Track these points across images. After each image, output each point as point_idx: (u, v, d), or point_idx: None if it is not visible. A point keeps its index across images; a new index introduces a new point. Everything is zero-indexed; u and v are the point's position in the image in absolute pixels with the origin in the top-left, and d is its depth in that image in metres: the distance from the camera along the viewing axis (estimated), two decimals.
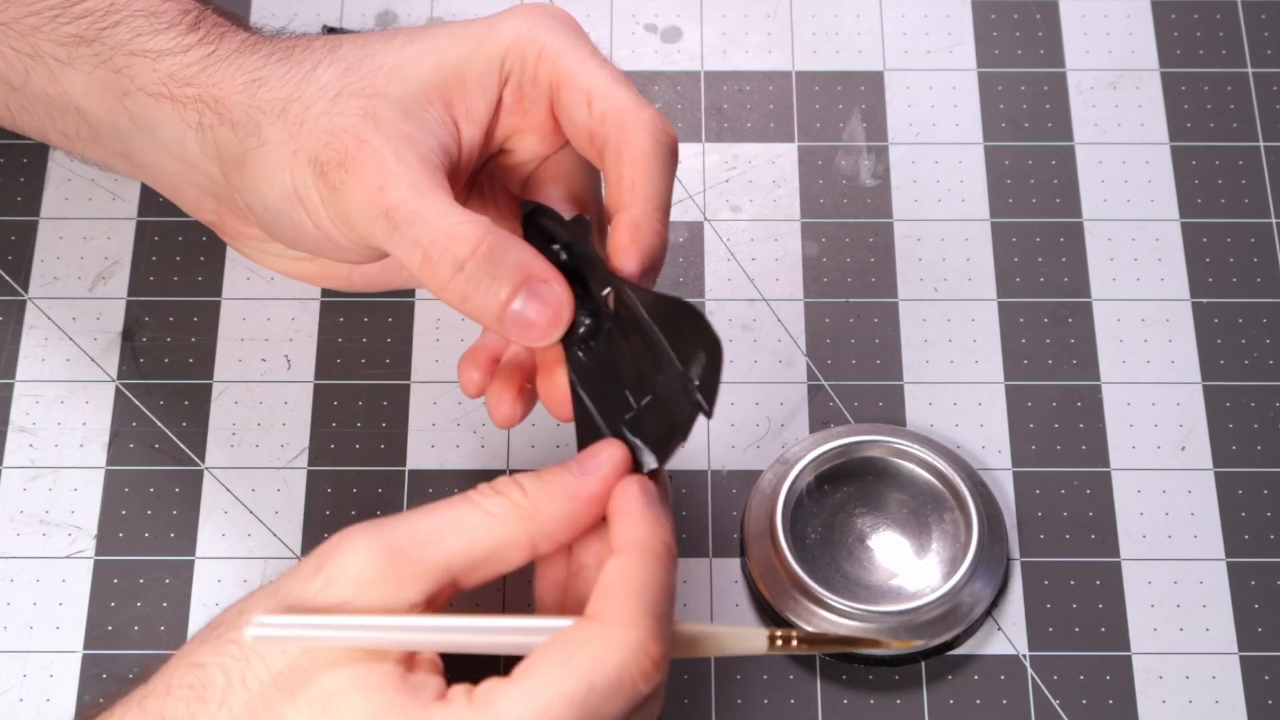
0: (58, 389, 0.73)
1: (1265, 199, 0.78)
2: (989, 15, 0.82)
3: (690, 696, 0.68)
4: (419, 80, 0.63)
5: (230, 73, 0.65)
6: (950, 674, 0.68)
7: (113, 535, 0.70)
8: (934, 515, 0.70)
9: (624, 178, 0.63)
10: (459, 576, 0.56)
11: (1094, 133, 0.79)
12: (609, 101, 0.63)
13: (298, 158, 0.63)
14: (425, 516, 0.57)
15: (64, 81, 0.67)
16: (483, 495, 0.57)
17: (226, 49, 0.65)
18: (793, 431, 0.73)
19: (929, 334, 0.75)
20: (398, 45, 0.64)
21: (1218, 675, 0.68)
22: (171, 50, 0.65)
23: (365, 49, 0.64)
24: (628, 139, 0.63)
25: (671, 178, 0.64)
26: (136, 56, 0.65)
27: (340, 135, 0.62)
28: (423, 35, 0.65)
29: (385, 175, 0.61)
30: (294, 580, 0.56)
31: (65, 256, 0.76)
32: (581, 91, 0.64)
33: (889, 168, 0.79)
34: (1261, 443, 0.73)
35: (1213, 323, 0.75)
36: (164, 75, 0.65)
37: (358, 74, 0.63)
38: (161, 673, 0.56)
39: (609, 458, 0.59)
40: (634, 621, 0.54)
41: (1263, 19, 0.82)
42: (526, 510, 0.57)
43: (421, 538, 0.56)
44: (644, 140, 0.63)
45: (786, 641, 0.57)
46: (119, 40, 0.66)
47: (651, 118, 0.63)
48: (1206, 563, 0.71)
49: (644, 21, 0.82)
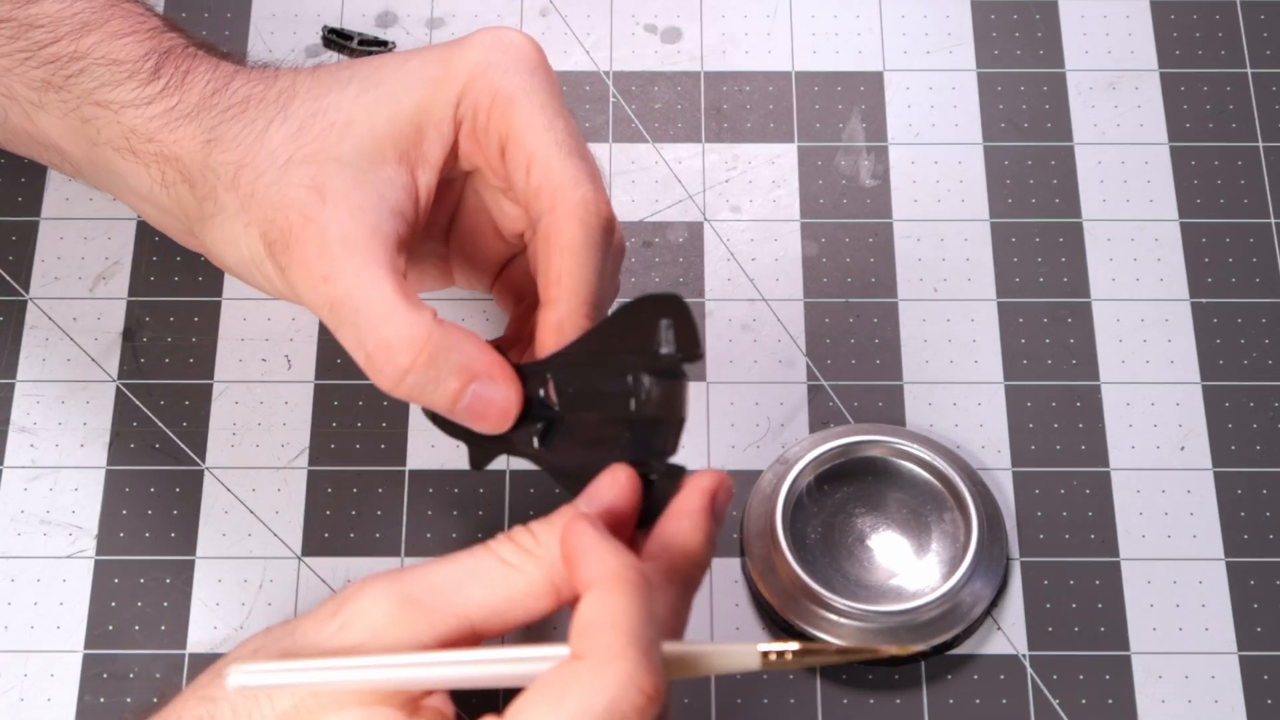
0: (58, 389, 0.73)
1: (1264, 199, 0.78)
2: (989, 15, 0.82)
3: (690, 696, 0.68)
4: (372, 135, 0.62)
5: (189, 130, 0.64)
6: (950, 674, 0.68)
7: (113, 535, 0.70)
8: (934, 515, 0.70)
9: (552, 268, 0.62)
10: (478, 626, 0.56)
11: (1093, 133, 0.79)
12: (546, 174, 0.62)
13: (250, 231, 0.62)
14: (443, 566, 0.56)
15: (40, 123, 0.66)
16: (499, 544, 0.57)
17: (187, 101, 0.64)
18: (793, 431, 0.73)
19: (929, 334, 0.75)
20: (351, 95, 0.63)
21: (1217, 675, 0.69)
22: (133, 102, 0.64)
23: (318, 101, 0.63)
24: (558, 224, 0.62)
25: (602, 263, 0.62)
26: (101, 108, 0.65)
27: (285, 211, 0.61)
28: (379, 80, 0.63)
29: (329, 263, 0.60)
30: (311, 622, 0.56)
31: (66, 256, 0.76)
32: (524, 154, 0.63)
33: (889, 168, 0.79)
34: (1261, 442, 0.73)
35: (1212, 323, 0.75)
36: (126, 130, 0.64)
37: (309, 134, 0.62)
38: (173, 704, 0.56)
39: (611, 480, 0.58)
40: (620, 655, 0.52)
41: (1262, 19, 0.82)
42: (542, 557, 0.56)
43: (439, 586, 0.55)
44: (574, 229, 0.61)
45: (781, 656, 0.55)
46: (84, 89, 0.65)
47: (585, 199, 0.62)
48: (1206, 562, 0.71)
49: (644, 21, 0.82)
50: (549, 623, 0.59)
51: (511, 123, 0.63)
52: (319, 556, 0.70)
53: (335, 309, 0.60)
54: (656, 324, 0.57)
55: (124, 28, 0.65)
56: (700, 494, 0.58)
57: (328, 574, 0.70)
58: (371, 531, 0.71)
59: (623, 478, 0.58)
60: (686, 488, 0.58)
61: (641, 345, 0.57)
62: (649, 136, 0.79)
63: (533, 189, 0.62)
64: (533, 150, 0.62)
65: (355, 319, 0.60)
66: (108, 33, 0.65)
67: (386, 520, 0.71)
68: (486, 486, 0.71)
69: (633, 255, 0.76)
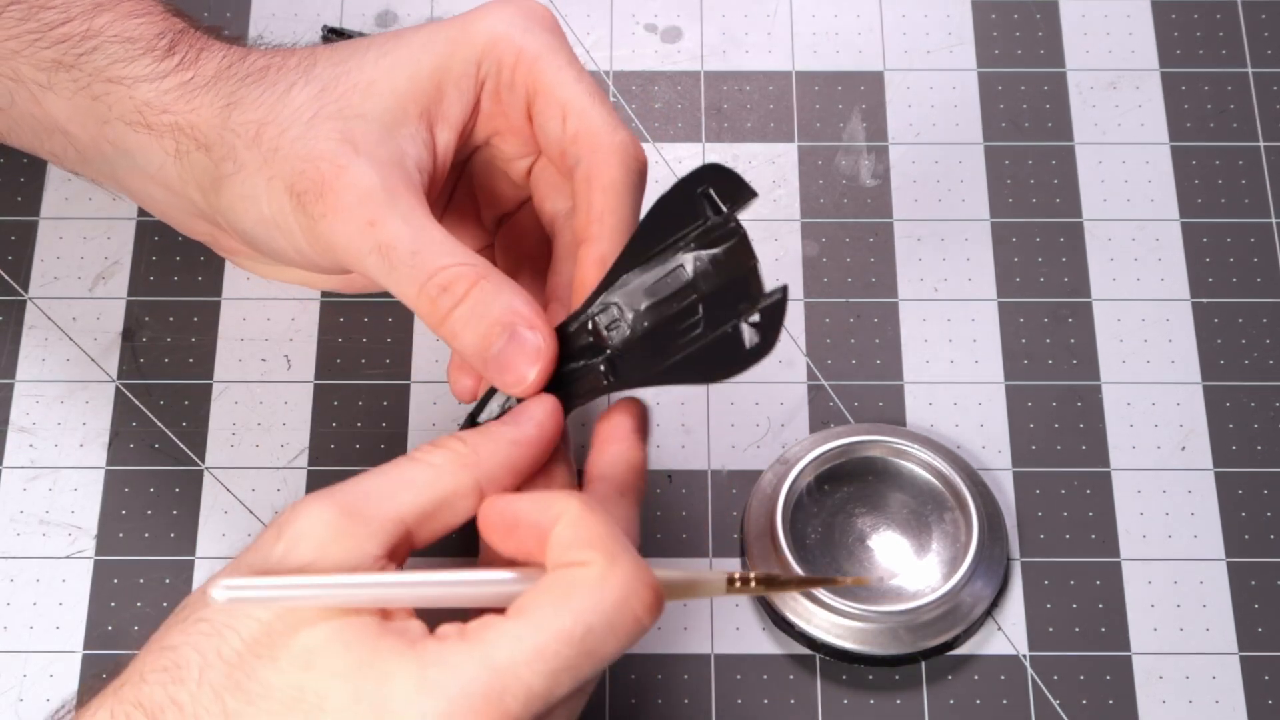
0: (58, 389, 0.73)
1: (1265, 199, 0.78)
2: (989, 15, 0.82)
3: (690, 696, 0.68)
4: (394, 94, 0.63)
5: (207, 98, 0.64)
6: (950, 674, 0.68)
7: (113, 535, 0.70)
8: (934, 515, 0.70)
9: (594, 205, 0.63)
10: (413, 530, 0.56)
11: (1094, 133, 0.79)
12: (583, 120, 0.63)
13: (274, 185, 0.62)
14: (374, 477, 0.57)
15: (47, 105, 0.67)
16: (425, 451, 0.58)
17: (203, 74, 0.65)
18: (793, 431, 0.73)
19: (929, 334, 0.75)
20: (372, 59, 0.64)
21: (1218, 675, 0.68)
22: (147, 77, 0.65)
23: (340, 65, 0.64)
24: (600, 165, 0.63)
25: (639, 206, 0.64)
26: (114, 84, 0.65)
27: (316, 162, 0.61)
28: (397, 45, 0.64)
29: (374, 208, 0.61)
30: (255, 552, 0.56)
31: (65, 256, 0.76)
32: (557, 104, 0.64)
33: (889, 168, 0.79)
34: (1262, 443, 0.73)
35: (1213, 323, 0.75)
36: (140, 103, 0.65)
37: (333, 94, 0.63)
38: (134, 663, 0.56)
39: (540, 406, 0.59)
40: (619, 557, 0.53)
41: (1263, 19, 0.82)
42: (469, 458, 0.57)
43: (373, 495, 0.56)
44: (616, 169, 0.63)
45: (745, 583, 0.57)
46: (96, 66, 0.65)
47: (625, 143, 0.63)
48: (1207, 563, 0.71)
49: (644, 21, 0.82)
50: None
51: (539, 76, 0.64)
52: None
53: (387, 252, 0.61)
54: (693, 201, 0.57)
55: (137, 8, 0.66)
56: (628, 416, 0.61)
57: None
58: None
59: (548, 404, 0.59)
60: (612, 415, 0.61)
61: (683, 232, 0.58)
62: (649, 136, 0.79)
63: (570, 136, 0.63)
64: (566, 99, 0.63)
65: (411, 259, 0.60)
66: (121, 13, 0.66)
67: None
68: None
69: None
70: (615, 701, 0.68)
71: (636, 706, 0.68)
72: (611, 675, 0.68)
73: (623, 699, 0.68)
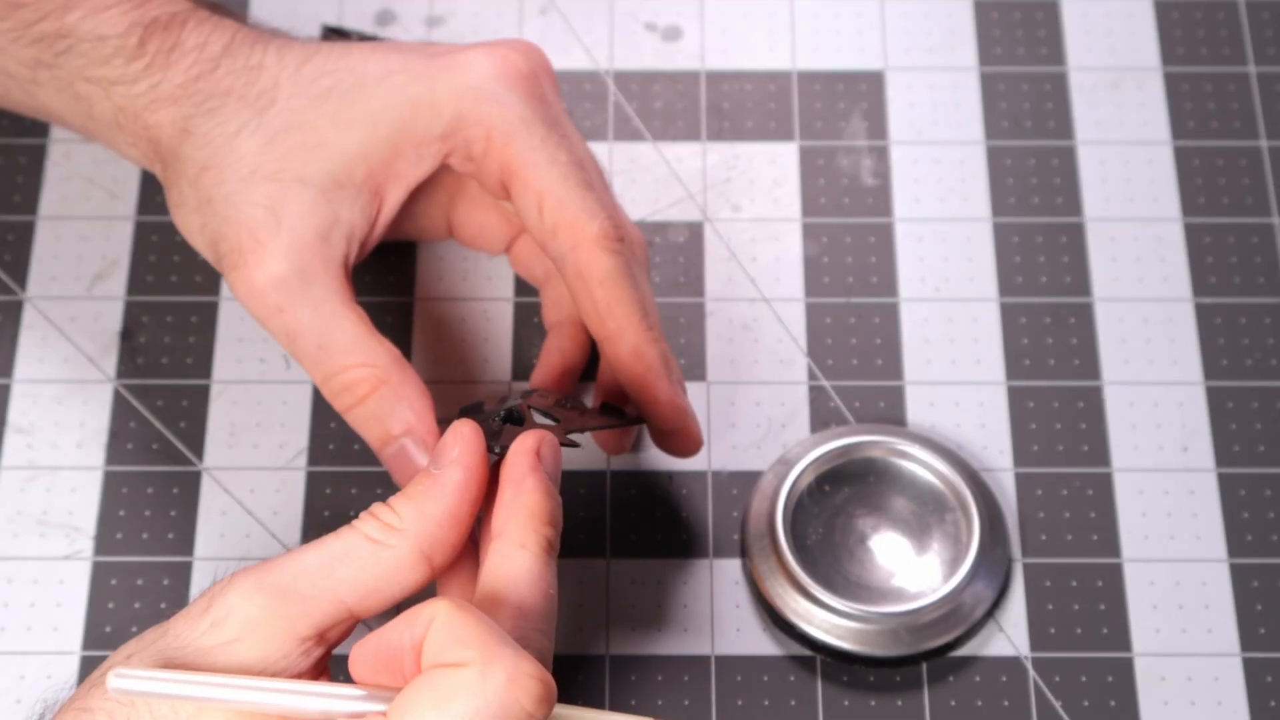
0: (55, 389, 0.73)
1: (1267, 198, 0.78)
2: (990, 14, 0.82)
3: (690, 697, 0.68)
4: (341, 157, 0.63)
5: (167, 114, 0.64)
6: (951, 675, 0.68)
7: (111, 536, 0.70)
8: (935, 516, 0.70)
9: (598, 303, 0.63)
10: (353, 607, 0.55)
11: (1096, 132, 0.79)
12: (560, 213, 0.63)
13: (204, 234, 0.63)
14: (311, 551, 0.56)
15: (39, 98, 0.67)
16: (363, 522, 0.57)
17: (170, 81, 0.64)
18: (793, 432, 0.73)
19: (930, 334, 0.75)
20: (328, 115, 0.63)
21: (1220, 677, 0.68)
22: (119, 80, 0.64)
23: (295, 115, 0.63)
24: (585, 260, 0.62)
25: (643, 279, 0.64)
26: (92, 85, 0.65)
27: (238, 229, 0.62)
28: (357, 98, 0.63)
29: (284, 294, 0.62)
30: (184, 621, 0.55)
31: (63, 256, 0.76)
32: (532, 192, 0.63)
33: (890, 167, 0.78)
34: (1264, 443, 0.73)
35: (1215, 323, 0.75)
36: (115, 108, 0.65)
37: (279, 149, 0.63)
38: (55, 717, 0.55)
39: (455, 437, 0.57)
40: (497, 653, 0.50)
41: (1265, 18, 0.82)
42: (407, 529, 0.56)
43: (309, 572, 0.55)
44: (603, 261, 0.62)
45: None
46: (75, 67, 0.65)
47: (602, 231, 0.62)
48: (1209, 564, 0.70)
49: (644, 21, 0.82)
50: None
51: (511, 160, 0.63)
52: None
53: (294, 340, 0.62)
54: None
55: (107, 0, 0.65)
56: (525, 455, 0.57)
57: None
58: None
59: (465, 433, 0.57)
60: (510, 454, 0.58)
61: None
62: (649, 135, 0.79)
63: (548, 229, 0.63)
64: (540, 189, 0.63)
65: (317, 353, 0.62)
66: (90, 7, 0.65)
67: None
68: None
69: None
70: (615, 702, 0.67)
71: (636, 707, 0.67)
72: (612, 676, 0.68)
73: (623, 700, 0.67)
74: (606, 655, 0.68)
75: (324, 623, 0.55)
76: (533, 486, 0.57)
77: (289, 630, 0.54)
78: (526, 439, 0.58)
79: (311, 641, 0.55)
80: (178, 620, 0.56)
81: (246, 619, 0.54)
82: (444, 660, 0.51)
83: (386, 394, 0.62)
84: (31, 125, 0.78)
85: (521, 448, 0.58)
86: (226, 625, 0.54)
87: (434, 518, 0.56)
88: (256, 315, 0.63)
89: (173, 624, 0.56)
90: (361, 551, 0.56)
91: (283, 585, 0.55)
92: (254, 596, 0.55)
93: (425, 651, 0.51)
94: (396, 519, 0.56)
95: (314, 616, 0.55)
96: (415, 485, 0.57)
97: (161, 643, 0.55)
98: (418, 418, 0.62)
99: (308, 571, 0.55)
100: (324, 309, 0.62)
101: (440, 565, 0.57)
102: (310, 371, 0.63)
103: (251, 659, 0.54)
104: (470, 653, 0.50)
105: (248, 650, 0.54)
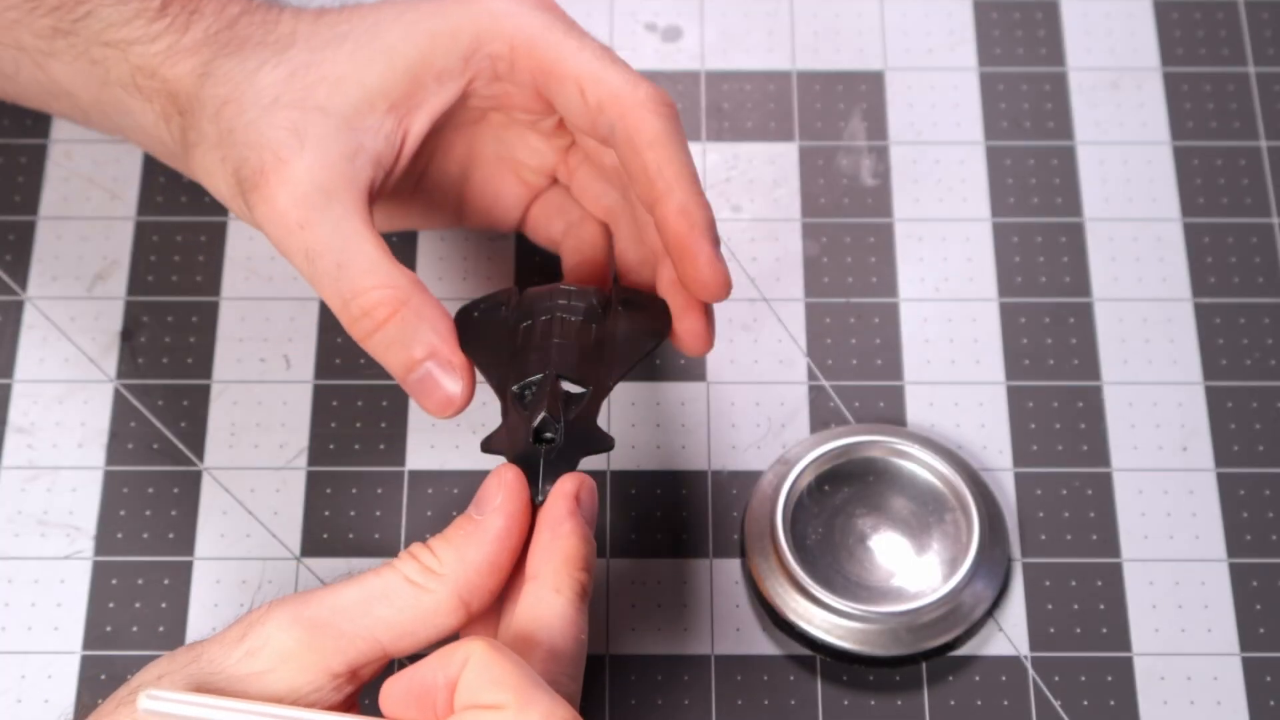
0: (56, 389, 0.73)
1: (1267, 199, 0.78)
2: (990, 14, 0.82)
3: (690, 697, 0.68)
4: (362, 89, 0.63)
5: (187, 63, 0.64)
6: (951, 675, 0.68)
7: (111, 536, 0.70)
8: (935, 516, 0.70)
9: (648, 165, 0.62)
10: (388, 646, 0.56)
11: (1095, 132, 0.79)
12: (602, 87, 0.63)
13: (224, 165, 0.63)
14: (350, 588, 0.56)
15: (50, 70, 0.67)
16: (403, 563, 0.57)
17: (191, 37, 0.64)
18: (793, 432, 0.73)
19: (930, 334, 0.75)
20: (348, 52, 0.63)
21: (1219, 676, 0.68)
22: (139, 40, 0.64)
23: (316, 53, 0.63)
24: (635, 124, 0.62)
25: (688, 150, 0.64)
26: (109, 48, 0.65)
27: (260, 150, 0.61)
28: (375, 35, 0.63)
29: (306, 210, 0.61)
30: (218, 647, 0.56)
31: (64, 256, 0.76)
32: (570, 81, 0.63)
33: (890, 167, 0.79)
34: (1263, 443, 0.73)
35: (1214, 323, 0.75)
36: (133, 67, 0.65)
37: (300, 81, 0.62)
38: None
39: (499, 484, 0.58)
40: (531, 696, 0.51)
41: (1264, 18, 0.82)
42: (447, 575, 0.56)
43: (346, 609, 0.55)
44: (653, 122, 0.62)
45: None
46: (92, 31, 0.65)
47: (650, 95, 0.63)
48: (1208, 563, 0.70)
49: (644, 21, 0.82)
50: None
51: (542, 59, 0.63)
52: (318, 557, 0.70)
53: (313, 259, 0.61)
54: None
55: None
56: (564, 499, 0.58)
57: (326, 575, 0.70)
58: (370, 532, 0.70)
59: (508, 479, 0.58)
60: (551, 497, 0.58)
61: None
62: None
63: (594, 106, 0.63)
64: (579, 73, 0.63)
65: (336, 271, 0.61)
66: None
67: (385, 521, 0.71)
68: None
69: None
70: (615, 702, 0.67)
71: (636, 707, 0.67)
72: (612, 676, 0.68)
73: (623, 700, 0.68)
74: (606, 655, 0.68)
75: (358, 660, 0.55)
76: (570, 531, 0.57)
77: (322, 665, 0.54)
78: (566, 483, 0.59)
79: (344, 678, 0.55)
80: (211, 645, 0.56)
81: (281, 650, 0.55)
82: (479, 701, 0.51)
83: (408, 316, 0.61)
84: (32, 125, 0.78)
85: (561, 491, 0.58)
86: (261, 655, 0.55)
87: (474, 565, 0.56)
88: (276, 236, 0.62)
89: (206, 648, 0.56)
90: (401, 593, 0.56)
91: (320, 620, 0.55)
92: (291, 629, 0.55)
93: (460, 692, 0.52)
94: (437, 563, 0.56)
95: (348, 653, 0.55)
96: (457, 530, 0.57)
97: (194, 666, 0.55)
98: (441, 339, 0.61)
99: (345, 608, 0.55)
100: (344, 227, 0.61)
101: (477, 611, 0.57)
102: (328, 295, 0.62)
103: (283, 690, 0.55)
104: (506, 695, 0.51)
105: (280, 681, 0.54)
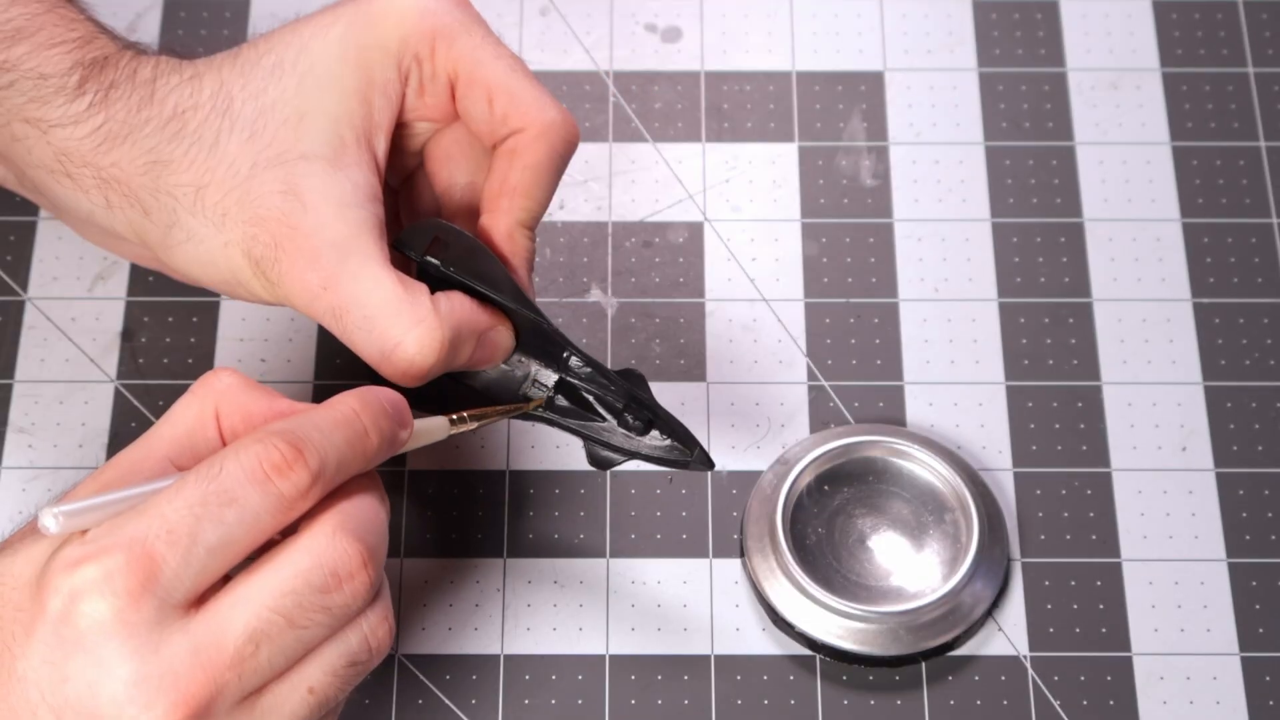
0: (57, 389, 0.73)
1: (1266, 199, 0.78)
2: (989, 15, 0.82)
3: (690, 697, 0.68)
4: (328, 120, 0.62)
5: (127, 151, 0.62)
6: (951, 675, 0.68)
7: None
8: (934, 516, 0.70)
9: (510, 179, 0.63)
10: None
11: (1095, 132, 0.79)
12: (512, 101, 0.63)
13: (230, 251, 0.62)
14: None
15: None
16: None
17: (115, 119, 0.62)
18: (793, 432, 0.73)
19: (929, 334, 0.75)
20: (292, 87, 0.62)
21: (1219, 676, 0.68)
22: (61, 121, 0.62)
23: (259, 98, 0.62)
24: (527, 143, 0.63)
25: (556, 185, 0.64)
26: (30, 125, 0.63)
27: (267, 225, 0.60)
28: (308, 64, 0.62)
29: (325, 271, 0.60)
30: None
31: (64, 256, 0.76)
32: (480, 88, 0.63)
33: (889, 168, 0.79)
34: (1263, 443, 0.73)
35: (1213, 323, 0.75)
36: (57, 151, 0.63)
37: (264, 137, 0.61)
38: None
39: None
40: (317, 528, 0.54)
41: (1264, 19, 0.82)
42: None
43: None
44: (543, 151, 0.62)
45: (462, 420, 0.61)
46: (15, 104, 0.63)
47: (555, 122, 0.63)
48: (1207, 563, 0.70)
49: (644, 21, 0.82)
50: None
51: (459, 58, 0.63)
52: None
53: (341, 317, 0.60)
54: None
55: (54, 37, 0.63)
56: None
57: None
58: None
59: None
60: None
61: None
62: (649, 136, 0.79)
63: (499, 117, 0.63)
64: (490, 81, 0.63)
65: (366, 325, 0.60)
66: (37, 43, 0.63)
67: None
68: (486, 486, 0.71)
69: (633, 255, 0.76)
70: (615, 702, 0.68)
71: (636, 707, 0.67)
72: (612, 676, 0.68)
73: (623, 699, 0.68)
74: (606, 655, 0.68)
75: None
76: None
77: None
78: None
79: None
80: None
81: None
82: None
83: (447, 355, 0.61)
84: None
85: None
86: None
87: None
88: (303, 303, 0.61)
89: None
90: None
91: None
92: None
93: None
94: None
95: None
96: None
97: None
98: (477, 318, 0.62)
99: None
100: (363, 277, 0.60)
101: None
102: (364, 352, 0.61)
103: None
104: None
105: None
